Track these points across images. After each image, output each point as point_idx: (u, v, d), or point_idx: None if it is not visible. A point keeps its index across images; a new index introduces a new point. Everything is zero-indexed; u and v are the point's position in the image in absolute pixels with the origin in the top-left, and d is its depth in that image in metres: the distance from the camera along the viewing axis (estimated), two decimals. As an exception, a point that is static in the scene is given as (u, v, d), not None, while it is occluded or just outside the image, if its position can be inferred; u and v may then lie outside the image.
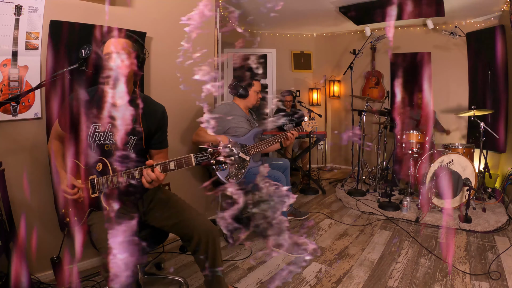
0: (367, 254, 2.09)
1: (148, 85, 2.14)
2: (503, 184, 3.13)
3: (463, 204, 2.72)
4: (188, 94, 2.37)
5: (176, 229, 1.40)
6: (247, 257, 2.07)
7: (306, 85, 5.22)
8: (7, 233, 1.44)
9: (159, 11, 2.16)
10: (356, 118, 4.09)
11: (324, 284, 1.74)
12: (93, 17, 1.82)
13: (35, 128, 1.70)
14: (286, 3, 3.61)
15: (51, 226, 1.73)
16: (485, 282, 1.70)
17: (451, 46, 4.15)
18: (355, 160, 4.05)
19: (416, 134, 3.15)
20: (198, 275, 1.81)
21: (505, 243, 2.17)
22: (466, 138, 4.08)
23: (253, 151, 2.20)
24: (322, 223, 2.68)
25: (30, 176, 1.68)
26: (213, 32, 2.62)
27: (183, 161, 1.21)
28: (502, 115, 3.42)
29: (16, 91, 1.62)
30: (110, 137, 1.36)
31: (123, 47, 1.32)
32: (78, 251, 1.45)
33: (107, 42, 1.33)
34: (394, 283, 1.72)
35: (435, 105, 4.26)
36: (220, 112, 2.21)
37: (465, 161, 2.78)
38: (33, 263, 1.66)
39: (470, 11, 3.70)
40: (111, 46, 1.30)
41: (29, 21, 1.64)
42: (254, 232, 1.30)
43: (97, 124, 1.35)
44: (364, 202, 3.16)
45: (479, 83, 3.84)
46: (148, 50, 2.12)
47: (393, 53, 4.54)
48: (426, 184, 2.79)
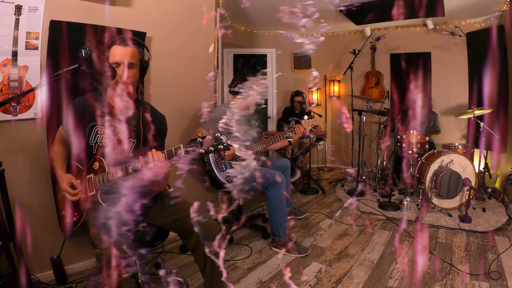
0: (367, 254, 2.09)
1: (148, 85, 2.14)
2: (503, 184, 3.13)
3: (463, 204, 2.72)
4: (188, 94, 2.37)
5: (176, 225, 1.40)
6: (247, 257, 2.07)
7: (306, 85, 5.21)
8: (7, 233, 1.44)
9: (159, 11, 2.16)
10: (356, 118, 4.09)
11: (324, 284, 1.74)
12: (93, 17, 1.82)
13: (35, 128, 1.70)
14: (286, 3, 3.61)
15: (51, 226, 1.73)
16: (485, 282, 1.70)
17: (451, 46, 4.15)
18: (355, 160, 4.05)
19: (416, 134, 3.15)
20: (198, 275, 1.81)
21: (505, 243, 2.17)
22: (466, 138, 4.08)
23: (253, 150, 2.19)
24: (322, 223, 2.68)
25: (30, 176, 1.68)
26: (213, 32, 2.62)
27: (173, 151, 1.22)
28: (502, 115, 3.42)
29: (16, 91, 1.62)
30: (112, 139, 1.37)
31: (131, 57, 1.32)
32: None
33: (113, 48, 1.33)
34: (394, 283, 1.72)
35: (435, 105, 4.26)
36: (221, 113, 2.21)
37: (465, 161, 2.78)
38: (33, 263, 1.66)
39: (470, 11, 3.70)
40: (119, 56, 1.31)
41: (29, 21, 1.64)
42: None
43: (99, 127, 1.37)
44: (364, 202, 3.16)
45: (479, 83, 3.84)
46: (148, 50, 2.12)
47: (393, 53, 4.54)
48: (426, 184, 2.79)
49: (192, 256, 1.44)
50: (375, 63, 4.75)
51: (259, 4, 3.64)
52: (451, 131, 4.19)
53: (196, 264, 1.42)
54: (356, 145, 4.07)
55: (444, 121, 4.11)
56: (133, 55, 1.34)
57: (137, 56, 1.36)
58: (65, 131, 1.43)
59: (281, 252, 2.10)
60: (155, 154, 1.22)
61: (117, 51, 1.32)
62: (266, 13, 3.99)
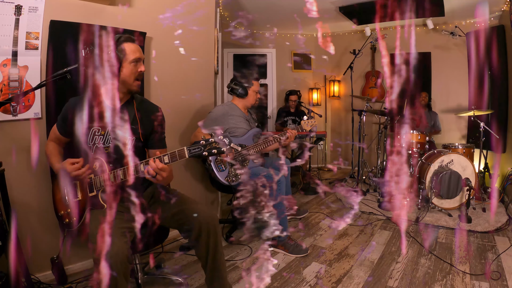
0: (367, 254, 2.09)
1: (148, 85, 2.14)
2: (503, 184, 3.12)
3: (463, 204, 2.72)
4: (187, 94, 2.37)
5: (176, 219, 1.41)
6: (247, 257, 2.07)
7: (306, 85, 5.22)
8: (7, 233, 1.44)
9: (159, 11, 2.16)
10: (356, 118, 4.09)
11: (324, 284, 1.74)
12: (93, 17, 1.82)
13: (35, 128, 1.70)
14: (286, 3, 3.61)
15: (51, 226, 1.73)
16: (485, 282, 1.69)
17: (451, 46, 4.15)
18: (355, 160, 4.05)
19: (416, 134, 3.15)
20: (198, 275, 1.81)
21: (505, 243, 2.17)
22: (466, 138, 4.08)
23: (251, 151, 2.19)
24: (322, 223, 2.68)
25: (30, 176, 1.68)
26: (213, 32, 2.62)
27: (177, 154, 1.23)
28: (502, 115, 3.41)
29: (16, 91, 1.62)
30: (109, 139, 1.37)
31: (141, 53, 1.39)
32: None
33: (126, 45, 1.34)
34: (394, 283, 1.72)
35: (435, 105, 4.26)
36: (218, 113, 2.21)
37: (465, 161, 2.78)
38: (33, 263, 1.66)
39: (470, 11, 3.70)
40: (138, 52, 1.36)
41: (29, 21, 1.64)
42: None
43: (96, 127, 1.37)
44: (364, 202, 3.16)
45: (479, 83, 3.83)
46: (148, 50, 2.12)
47: (393, 53, 4.55)
48: (426, 184, 2.79)
49: (192, 256, 1.44)
50: (375, 63, 4.76)
51: (259, 4, 3.64)
52: (451, 131, 4.20)
53: (198, 259, 1.42)
54: (356, 145, 4.07)
55: (444, 121, 4.11)
56: (141, 50, 1.40)
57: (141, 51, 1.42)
58: (60, 132, 1.43)
59: (281, 252, 2.10)
60: (158, 162, 1.23)
61: (132, 48, 1.35)
62: (266, 13, 3.99)
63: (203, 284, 1.71)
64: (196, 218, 1.34)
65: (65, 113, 1.40)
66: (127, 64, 1.33)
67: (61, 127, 1.43)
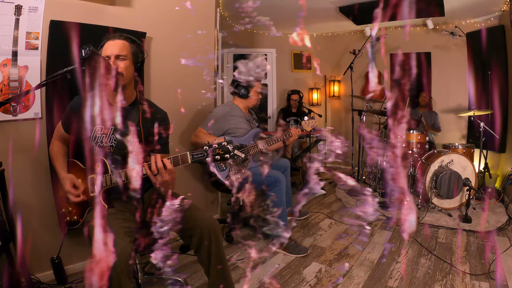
0: (367, 254, 2.09)
1: (148, 85, 2.14)
2: (503, 184, 3.13)
3: (463, 204, 2.72)
4: (187, 95, 2.37)
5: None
6: (247, 257, 2.07)
7: (306, 85, 5.22)
8: (7, 233, 1.44)
9: (159, 11, 2.16)
10: (356, 118, 4.09)
11: (324, 284, 1.74)
12: (93, 17, 1.82)
13: (35, 128, 1.70)
14: (286, 3, 3.61)
15: (51, 226, 1.73)
16: (485, 282, 1.69)
17: (451, 46, 4.15)
18: (355, 160, 4.05)
19: (416, 134, 3.15)
20: (198, 275, 1.81)
21: (505, 243, 2.17)
22: (466, 138, 4.08)
23: (252, 151, 2.19)
24: (322, 223, 2.68)
25: (30, 176, 1.68)
26: (213, 32, 2.62)
27: (179, 159, 1.23)
28: (502, 115, 3.42)
29: (16, 91, 1.62)
30: (112, 139, 1.37)
31: (121, 49, 1.32)
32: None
33: (104, 44, 1.34)
34: (394, 283, 1.72)
35: (435, 105, 4.26)
36: (219, 113, 2.21)
37: (465, 161, 2.78)
38: (33, 263, 1.66)
39: (470, 11, 3.70)
40: (109, 49, 1.31)
41: (29, 21, 1.64)
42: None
43: (99, 126, 1.37)
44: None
45: (479, 83, 3.84)
46: (148, 50, 2.12)
47: (393, 53, 4.55)
48: (426, 184, 2.79)
49: (192, 256, 1.44)
50: (375, 63, 4.75)
51: (259, 4, 3.64)
52: (451, 131, 4.20)
53: (200, 265, 1.42)
54: (356, 145, 4.07)
55: (444, 121, 4.11)
56: (122, 47, 1.32)
57: (127, 48, 1.34)
58: (65, 129, 1.45)
59: (281, 252, 2.10)
60: (159, 161, 1.22)
61: (107, 46, 1.32)
62: (266, 13, 3.99)
63: (203, 284, 1.71)
64: (197, 224, 1.34)
65: (69, 111, 1.40)
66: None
67: (65, 125, 1.44)
